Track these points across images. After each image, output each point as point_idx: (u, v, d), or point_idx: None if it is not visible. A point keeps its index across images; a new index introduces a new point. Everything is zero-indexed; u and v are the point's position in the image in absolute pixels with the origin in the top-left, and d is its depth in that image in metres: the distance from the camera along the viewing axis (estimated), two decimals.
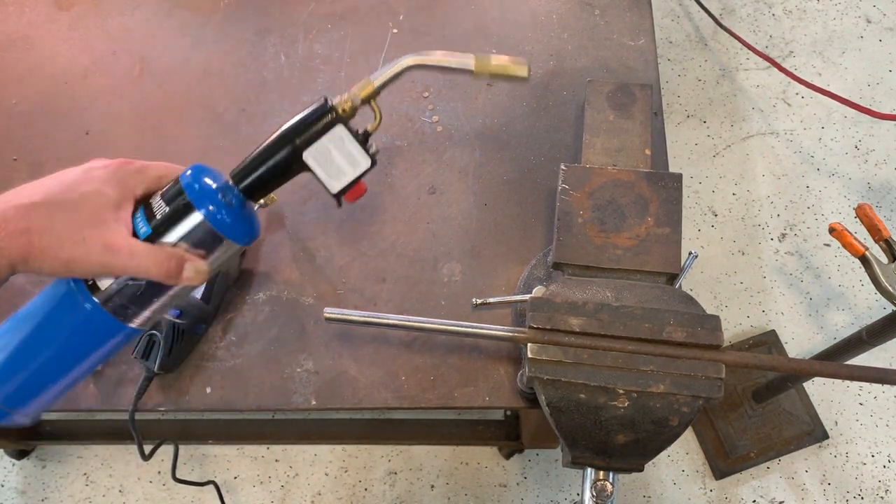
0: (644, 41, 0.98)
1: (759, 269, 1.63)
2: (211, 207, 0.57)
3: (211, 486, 0.99)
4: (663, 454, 1.46)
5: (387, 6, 1.01)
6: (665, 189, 0.79)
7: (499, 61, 0.67)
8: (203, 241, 0.58)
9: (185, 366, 0.79)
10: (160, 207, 0.58)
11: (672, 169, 0.89)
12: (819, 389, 1.51)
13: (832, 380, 1.51)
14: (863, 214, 0.88)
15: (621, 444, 0.68)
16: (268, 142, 0.62)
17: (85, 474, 1.41)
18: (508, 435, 1.36)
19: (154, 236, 0.57)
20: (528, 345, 0.69)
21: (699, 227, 1.67)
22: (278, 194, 0.87)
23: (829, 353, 1.16)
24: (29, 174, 0.89)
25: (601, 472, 0.70)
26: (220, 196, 0.57)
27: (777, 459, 1.46)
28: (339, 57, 0.97)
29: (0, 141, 0.92)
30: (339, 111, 0.62)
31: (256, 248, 0.85)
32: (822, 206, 1.68)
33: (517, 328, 0.71)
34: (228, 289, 0.83)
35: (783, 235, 1.66)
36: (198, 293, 0.78)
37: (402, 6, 1.01)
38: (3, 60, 0.97)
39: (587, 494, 0.70)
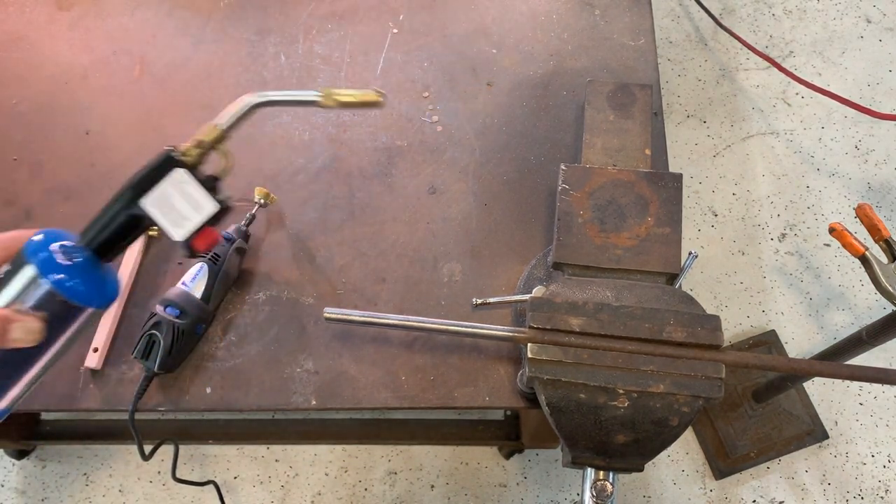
0: (644, 41, 0.98)
1: (759, 269, 1.63)
2: (48, 266, 0.53)
3: (211, 486, 0.99)
4: (663, 454, 1.46)
5: (387, 6, 1.01)
6: (665, 189, 0.79)
7: (346, 93, 0.66)
8: (45, 304, 0.54)
9: (185, 366, 0.79)
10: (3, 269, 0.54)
11: (672, 169, 0.89)
12: (819, 389, 1.51)
13: (832, 380, 1.51)
14: (863, 214, 0.88)
15: (621, 444, 0.68)
16: (109, 201, 0.59)
17: (85, 474, 1.41)
18: (508, 435, 1.36)
19: None
20: (528, 345, 0.69)
21: (699, 227, 1.67)
22: (278, 194, 0.87)
23: (829, 353, 1.16)
24: (29, 174, 0.89)
25: (601, 472, 0.70)
26: (61, 255, 0.54)
27: (777, 459, 1.46)
28: (339, 57, 0.97)
29: (0, 141, 0.92)
30: (182, 157, 0.59)
31: (256, 248, 0.85)
32: (822, 206, 1.68)
33: (517, 328, 0.71)
34: (228, 289, 0.83)
35: (783, 235, 1.66)
36: (198, 293, 0.78)
37: (402, 6, 1.01)
38: (3, 60, 0.97)
39: (587, 494, 0.70)
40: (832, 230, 0.89)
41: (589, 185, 0.79)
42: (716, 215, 1.68)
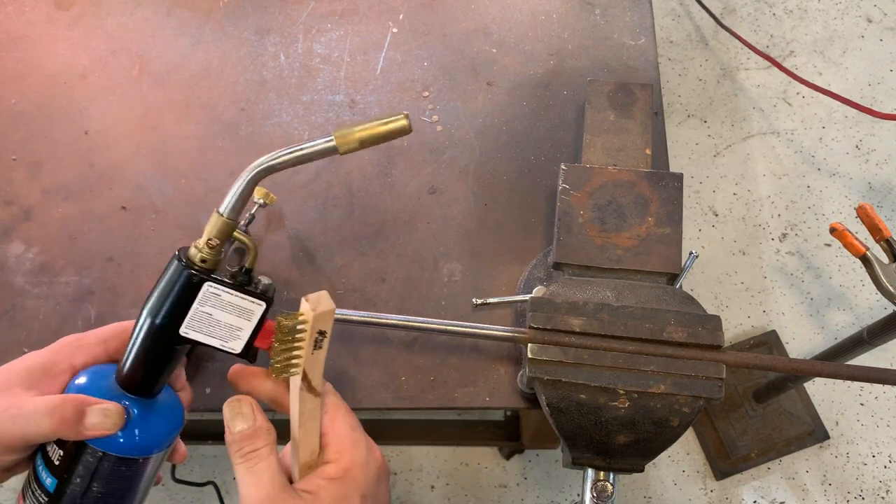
0: (645, 41, 0.98)
1: (760, 269, 1.63)
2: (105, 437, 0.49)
3: (211, 487, 0.99)
4: (664, 454, 1.46)
5: (387, 6, 1.01)
6: (665, 189, 0.79)
7: (367, 128, 0.57)
8: (118, 474, 0.50)
9: (186, 366, 0.79)
10: (55, 451, 0.50)
11: (673, 169, 0.89)
12: (820, 390, 1.51)
13: (833, 380, 1.51)
14: (864, 214, 0.88)
15: (622, 445, 0.68)
16: (135, 333, 0.53)
17: None
18: (508, 435, 1.36)
19: (61, 486, 0.50)
20: (529, 345, 0.68)
21: (700, 227, 1.67)
22: (277, 194, 0.87)
23: (829, 353, 1.16)
24: (28, 174, 0.89)
25: (601, 473, 0.70)
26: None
27: (778, 460, 1.46)
28: (338, 56, 0.97)
29: None
30: (198, 264, 0.52)
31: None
32: (823, 205, 1.68)
33: (517, 328, 0.71)
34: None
35: (784, 235, 1.66)
36: None
37: (402, 6, 1.01)
38: (2, 60, 0.96)
39: (587, 495, 0.69)
40: (833, 230, 0.88)
41: (589, 184, 0.79)
42: (716, 215, 1.68)
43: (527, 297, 0.73)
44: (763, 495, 1.44)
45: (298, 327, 0.51)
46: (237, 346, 0.54)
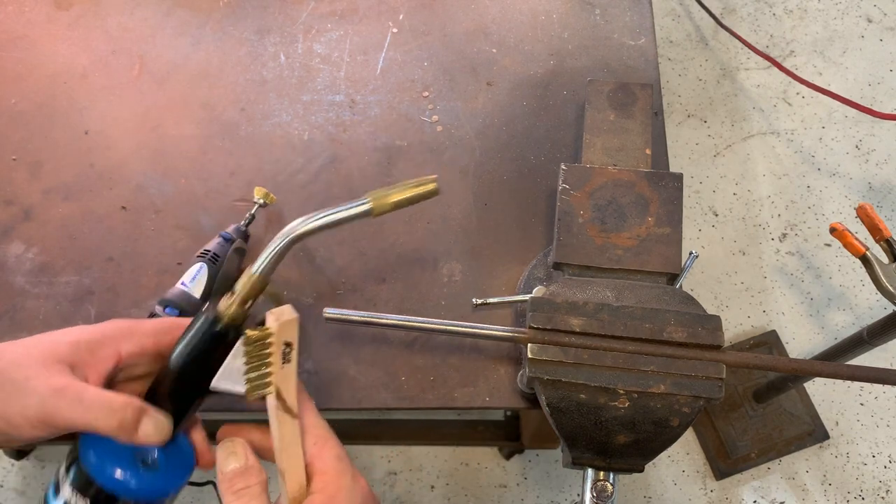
0: (644, 40, 0.98)
1: (760, 269, 1.63)
2: (131, 484, 0.49)
3: (210, 487, 0.99)
4: (664, 454, 1.46)
5: (387, 6, 1.01)
6: (665, 189, 0.79)
7: (400, 191, 0.61)
8: None
9: None
10: (74, 497, 0.50)
11: (673, 169, 0.89)
12: (820, 389, 1.51)
13: (833, 380, 1.51)
14: (863, 214, 0.88)
15: (622, 445, 0.68)
16: (159, 381, 0.54)
17: None
18: (508, 435, 1.36)
19: None
20: (528, 345, 0.68)
21: (700, 227, 1.67)
22: (278, 194, 0.87)
23: (829, 353, 1.16)
24: (28, 174, 0.89)
25: (601, 473, 0.70)
26: (135, 461, 0.51)
27: (778, 460, 1.46)
28: (338, 56, 0.97)
29: None
30: (228, 322, 0.53)
31: (256, 248, 0.85)
32: (823, 205, 1.68)
33: (517, 328, 0.71)
34: (228, 289, 0.82)
35: (784, 235, 1.66)
36: (197, 293, 0.78)
37: (402, 6, 1.01)
38: (2, 60, 0.96)
39: (587, 495, 0.69)
40: (833, 230, 0.88)
41: (589, 184, 0.79)
42: (716, 215, 1.68)
43: (527, 297, 0.73)
44: (763, 495, 1.44)
45: (267, 341, 0.52)
46: (242, 388, 0.56)
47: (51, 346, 0.51)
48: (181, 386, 0.54)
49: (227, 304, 0.55)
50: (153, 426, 0.50)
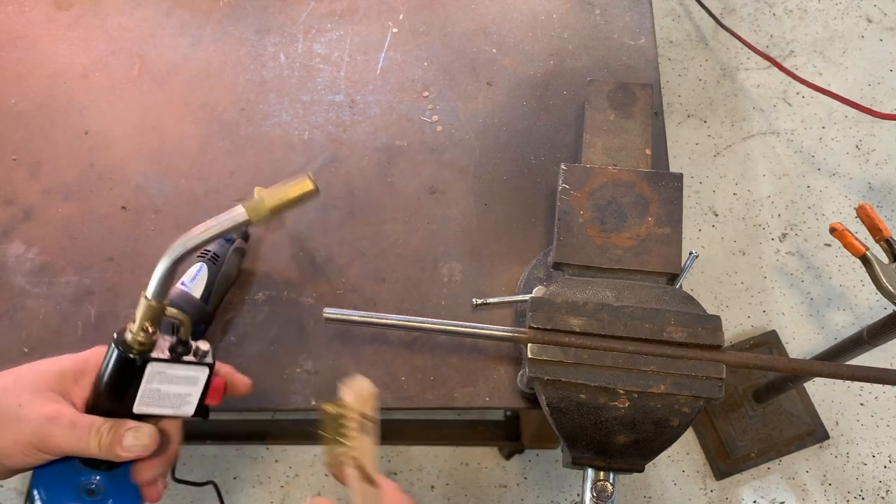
0: (644, 41, 0.98)
1: (760, 269, 1.63)
2: None
3: (210, 487, 0.99)
4: (664, 454, 1.46)
5: (387, 6, 1.01)
6: (665, 189, 0.79)
7: (274, 196, 0.59)
8: None
9: None
10: None
11: (672, 169, 0.89)
12: (820, 389, 1.51)
13: (833, 380, 1.51)
14: (863, 214, 0.88)
15: (622, 445, 0.68)
16: (95, 411, 0.56)
17: None
18: (508, 435, 1.36)
19: None
20: (528, 345, 0.68)
21: (700, 227, 1.67)
22: None
23: (829, 353, 1.16)
24: (28, 174, 0.89)
25: (601, 473, 0.70)
26: (80, 493, 0.53)
27: (778, 460, 1.46)
28: (338, 56, 0.97)
29: None
30: (137, 348, 0.54)
31: (256, 248, 0.85)
32: (823, 205, 1.68)
33: (517, 328, 0.71)
34: (228, 289, 0.82)
35: (784, 235, 1.66)
36: (197, 294, 0.78)
37: (402, 6, 1.01)
38: (2, 60, 0.96)
39: (587, 495, 0.69)
40: (833, 230, 0.88)
41: (589, 184, 0.79)
42: (716, 215, 1.68)
43: (527, 297, 0.73)
44: (763, 495, 1.44)
45: (344, 415, 0.55)
46: (189, 410, 0.58)
47: (40, 375, 0.53)
48: (105, 413, 0.55)
49: (131, 333, 0.55)
50: (133, 439, 0.53)
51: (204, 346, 0.59)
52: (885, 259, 0.86)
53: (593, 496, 0.69)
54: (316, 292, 0.83)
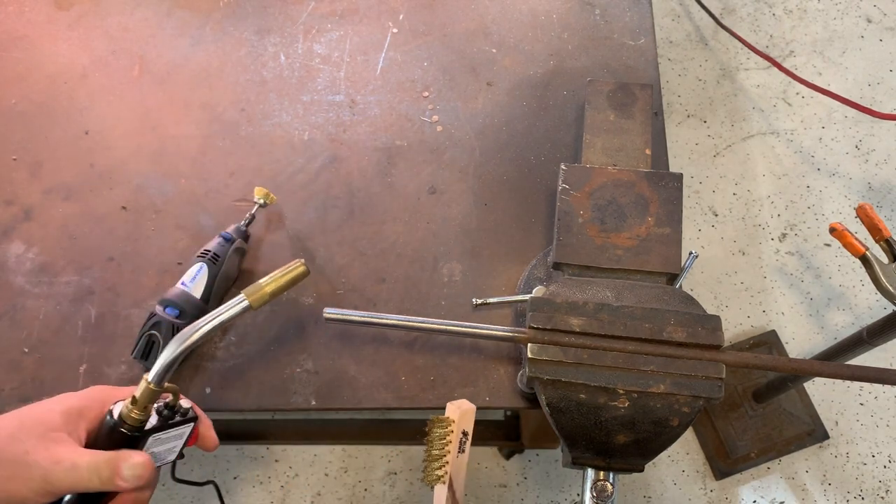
0: (644, 41, 0.98)
1: (760, 269, 1.63)
2: None
3: (211, 487, 0.99)
4: (664, 454, 1.46)
5: (387, 6, 1.01)
6: (665, 189, 0.79)
7: (272, 282, 0.69)
8: None
9: (185, 366, 0.79)
10: None
11: (672, 169, 0.89)
12: (819, 389, 1.51)
13: (833, 380, 1.51)
14: (863, 214, 0.88)
15: (621, 445, 0.68)
16: None
17: None
18: (508, 435, 1.36)
19: None
20: (528, 345, 0.68)
21: (699, 227, 1.67)
22: (278, 194, 0.87)
23: (829, 353, 1.16)
24: (28, 174, 0.89)
25: (601, 473, 0.70)
26: None
27: (777, 460, 1.46)
28: (338, 56, 0.97)
29: None
30: (130, 423, 0.58)
31: (256, 248, 0.85)
32: (823, 205, 1.68)
33: (517, 328, 0.71)
34: (228, 289, 0.83)
35: (783, 235, 1.66)
36: (197, 293, 0.78)
37: (402, 6, 1.01)
38: (2, 60, 0.96)
39: (587, 495, 0.69)
40: (832, 230, 0.88)
41: (589, 184, 0.79)
42: (716, 215, 1.68)
43: (527, 297, 0.73)
44: (763, 495, 1.44)
45: (448, 429, 0.61)
46: (173, 457, 0.64)
47: (45, 415, 0.56)
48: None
49: (129, 411, 0.59)
50: (128, 469, 0.56)
51: (186, 403, 0.64)
52: (884, 259, 0.86)
53: (593, 496, 0.69)
54: (316, 292, 0.83)
